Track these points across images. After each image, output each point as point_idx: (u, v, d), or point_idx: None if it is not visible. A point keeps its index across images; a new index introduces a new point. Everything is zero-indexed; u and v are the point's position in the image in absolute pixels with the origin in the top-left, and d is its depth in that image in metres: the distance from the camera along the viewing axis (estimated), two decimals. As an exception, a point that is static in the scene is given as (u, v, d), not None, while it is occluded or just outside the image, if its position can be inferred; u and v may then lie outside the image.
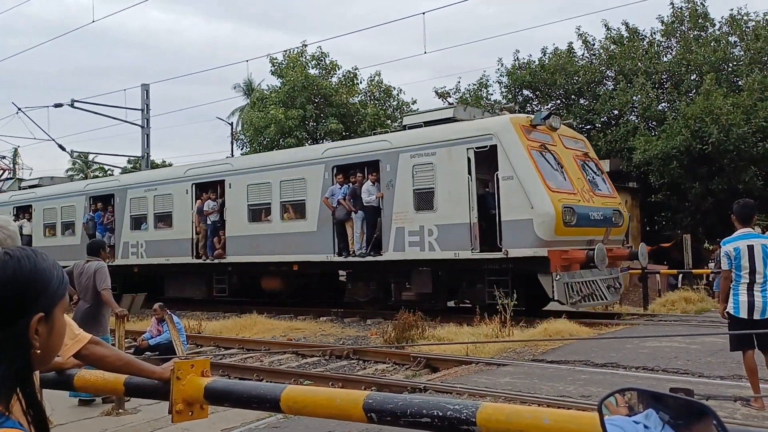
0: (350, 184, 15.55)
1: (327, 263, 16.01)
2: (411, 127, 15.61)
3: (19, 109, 25.02)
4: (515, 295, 11.83)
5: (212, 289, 18.58)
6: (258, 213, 17.33)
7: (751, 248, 6.30)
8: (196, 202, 18.58)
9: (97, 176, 29.77)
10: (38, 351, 1.31)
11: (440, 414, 1.89)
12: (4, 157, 28.83)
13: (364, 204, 15.09)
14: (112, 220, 20.64)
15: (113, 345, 6.01)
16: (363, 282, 16.08)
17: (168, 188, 19.41)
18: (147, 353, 10.25)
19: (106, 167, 38.91)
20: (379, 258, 14.90)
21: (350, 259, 15.42)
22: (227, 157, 25.89)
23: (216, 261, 17.94)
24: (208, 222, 18.09)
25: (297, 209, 16.57)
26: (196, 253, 18.49)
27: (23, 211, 23.71)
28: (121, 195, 20.54)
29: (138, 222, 20.07)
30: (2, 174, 28.47)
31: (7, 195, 25.24)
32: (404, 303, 14.03)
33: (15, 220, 22.95)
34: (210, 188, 18.51)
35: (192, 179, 18.89)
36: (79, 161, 40.88)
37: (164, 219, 19.41)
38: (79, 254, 19.44)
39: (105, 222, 20.74)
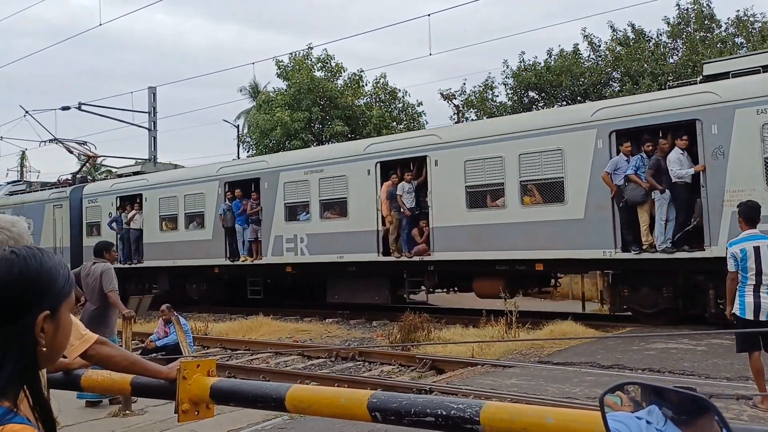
0: (642, 155, 11.61)
1: (603, 261, 12.24)
2: (737, 75, 11.23)
3: (27, 111, 25.10)
4: None
5: (402, 292, 15.38)
6: (481, 197, 13.55)
7: (757, 249, 6.28)
8: (382, 185, 14.90)
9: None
10: (44, 349, 1.32)
11: (444, 413, 1.89)
12: (85, 143, 24.86)
13: (673, 180, 11.22)
14: (257, 210, 17.12)
15: (120, 346, 6.04)
16: (650, 287, 12.00)
17: (340, 169, 15.59)
18: (154, 354, 10.29)
19: (114, 170, 39.06)
20: (696, 254, 11.08)
21: (645, 255, 11.45)
22: (429, 128, 21.26)
23: (417, 258, 14.31)
24: (403, 210, 14.46)
25: (546, 190, 12.71)
26: (384, 249, 14.87)
27: (130, 202, 20.52)
28: (271, 179, 16.89)
29: (295, 211, 16.52)
30: (87, 161, 25.12)
31: (108, 183, 22.33)
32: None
33: (120, 213, 20.47)
34: (403, 167, 14.83)
35: (376, 157, 15.11)
36: (86, 164, 41.01)
37: (335, 207, 15.81)
38: (212, 251, 18.12)
39: (248, 212, 17.25)
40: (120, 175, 22.96)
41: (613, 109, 12.30)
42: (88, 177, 26.65)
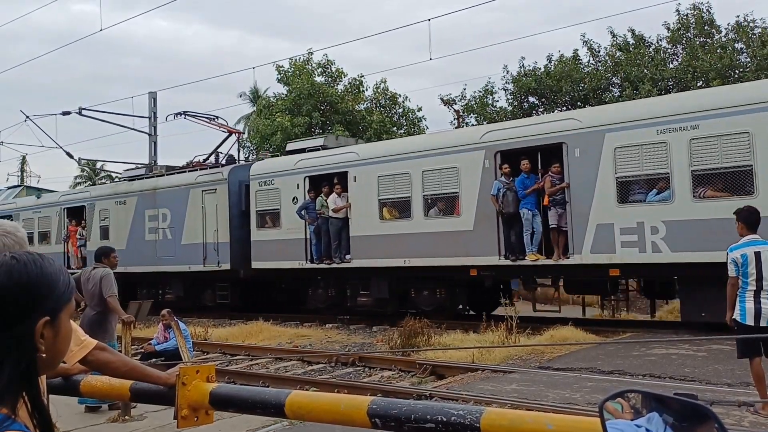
0: None
1: None
2: None
3: (27, 117, 25.10)
4: None
5: None
6: None
7: (758, 255, 6.28)
8: None
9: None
10: (44, 355, 1.32)
11: (444, 419, 1.89)
12: (216, 117, 20.89)
13: None
14: (560, 188, 12.50)
15: (120, 351, 6.04)
16: None
17: (736, 122, 10.75)
18: (153, 359, 10.29)
19: (114, 175, 39.12)
20: None
21: None
22: None
23: None
24: None
25: None
26: None
27: (327, 182, 16.03)
28: (586, 144, 12.18)
29: (630, 188, 11.83)
30: (228, 137, 20.89)
31: (291, 159, 17.05)
32: None
33: (312, 197, 15.89)
34: None
35: None
36: (87, 168, 41.09)
37: (717, 181, 11.09)
38: (472, 246, 13.22)
39: (548, 191, 12.61)
40: (295, 151, 17.48)
41: None
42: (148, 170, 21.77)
